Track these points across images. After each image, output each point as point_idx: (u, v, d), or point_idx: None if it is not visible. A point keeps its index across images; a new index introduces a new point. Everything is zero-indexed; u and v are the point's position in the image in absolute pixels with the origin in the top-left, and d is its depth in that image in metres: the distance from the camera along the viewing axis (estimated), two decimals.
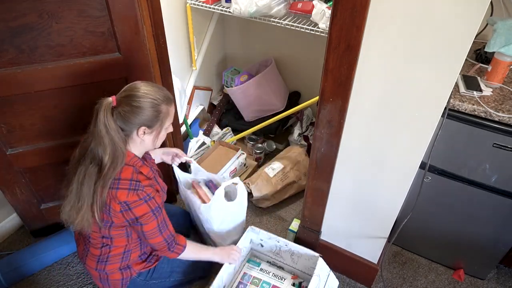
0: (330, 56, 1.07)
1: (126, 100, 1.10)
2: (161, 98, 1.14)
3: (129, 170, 1.12)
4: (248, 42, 2.46)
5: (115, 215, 1.13)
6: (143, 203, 1.12)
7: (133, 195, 1.10)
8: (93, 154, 1.10)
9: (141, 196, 1.11)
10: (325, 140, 1.27)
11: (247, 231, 1.55)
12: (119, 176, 1.10)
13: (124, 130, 1.12)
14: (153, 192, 1.16)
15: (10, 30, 1.22)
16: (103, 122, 1.06)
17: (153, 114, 1.12)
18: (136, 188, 1.11)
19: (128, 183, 1.10)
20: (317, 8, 1.67)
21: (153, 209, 1.14)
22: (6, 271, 1.60)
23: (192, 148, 2.22)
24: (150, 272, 1.35)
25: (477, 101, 1.25)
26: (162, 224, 1.19)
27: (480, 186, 1.40)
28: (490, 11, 1.54)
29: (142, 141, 1.17)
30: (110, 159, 1.08)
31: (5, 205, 1.79)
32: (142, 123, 1.12)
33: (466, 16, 0.86)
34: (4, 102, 1.36)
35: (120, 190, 1.09)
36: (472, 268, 1.68)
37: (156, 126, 1.16)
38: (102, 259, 1.25)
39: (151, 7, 1.40)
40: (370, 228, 1.46)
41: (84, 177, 1.10)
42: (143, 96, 1.10)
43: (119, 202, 1.09)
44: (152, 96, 1.12)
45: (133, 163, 1.15)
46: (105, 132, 1.07)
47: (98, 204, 1.09)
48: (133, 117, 1.10)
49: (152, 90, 1.13)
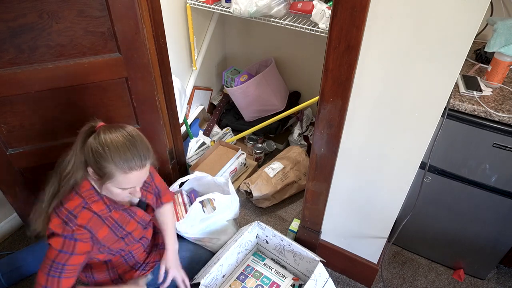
0: (330, 56, 1.07)
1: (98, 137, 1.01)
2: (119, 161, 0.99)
3: (76, 202, 1.04)
4: (248, 42, 2.46)
5: None
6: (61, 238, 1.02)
7: (60, 227, 1.02)
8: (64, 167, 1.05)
9: (65, 233, 1.02)
10: (325, 140, 1.27)
11: (253, 226, 1.55)
12: (65, 203, 1.04)
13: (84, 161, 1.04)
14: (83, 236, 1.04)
15: (10, 30, 1.22)
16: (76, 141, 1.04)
17: (97, 165, 1.00)
18: (67, 222, 1.02)
19: (66, 214, 1.03)
20: (317, 8, 1.67)
21: (63, 249, 1.02)
22: (6, 271, 1.60)
23: (192, 148, 2.22)
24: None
25: (477, 101, 1.25)
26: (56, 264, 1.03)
27: (480, 186, 1.40)
28: (490, 11, 1.54)
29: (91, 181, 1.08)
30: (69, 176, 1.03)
31: (5, 205, 1.79)
32: (91, 165, 1.02)
33: (466, 16, 0.87)
34: (4, 102, 1.36)
35: (56, 217, 1.03)
36: (472, 268, 1.68)
37: (99, 177, 1.03)
38: (88, 275, 1.22)
39: (151, 7, 1.40)
40: (370, 228, 1.46)
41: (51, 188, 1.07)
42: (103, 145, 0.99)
43: (48, 228, 1.04)
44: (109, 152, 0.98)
45: (85, 196, 1.06)
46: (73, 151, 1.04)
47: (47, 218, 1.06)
48: (87, 154, 1.01)
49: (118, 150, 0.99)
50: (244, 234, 1.52)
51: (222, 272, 1.44)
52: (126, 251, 1.22)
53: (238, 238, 1.50)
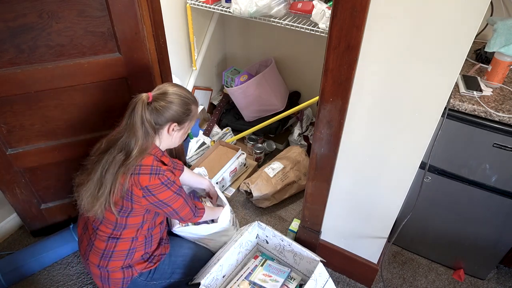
0: (330, 56, 1.07)
1: (161, 97, 1.19)
2: (191, 98, 1.26)
3: (150, 158, 1.19)
4: (248, 42, 2.46)
5: (137, 201, 1.17)
6: (166, 189, 1.19)
7: (154, 179, 1.16)
8: (123, 144, 1.16)
9: (163, 180, 1.18)
10: (325, 140, 1.27)
11: (253, 226, 1.55)
12: (140, 163, 1.16)
13: (156, 124, 1.20)
14: (172, 176, 1.22)
15: (10, 30, 1.22)
16: (140, 115, 1.14)
17: (185, 111, 1.23)
18: (157, 173, 1.17)
19: (149, 169, 1.16)
20: (317, 8, 1.67)
21: (175, 191, 1.23)
22: (6, 271, 1.60)
23: (192, 148, 2.22)
24: (151, 273, 1.35)
25: (477, 101, 1.25)
26: (186, 198, 1.30)
27: (480, 186, 1.40)
28: (490, 11, 1.54)
29: (169, 137, 1.26)
30: (139, 149, 1.15)
31: (5, 205, 1.79)
32: (174, 119, 1.21)
33: (466, 16, 0.86)
34: (4, 102, 1.36)
35: (142, 175, 1.15)
36: (472, 268, 1.68)
37: (185, 124, 1.26)
38: (106, 254, 1.25)
39: (151, 7, 1.40)
40: (370, 228, 1.46)
41: (110, 165, 1.15)
42: (176, 94, 1.21)
43: (141, 188, 1.15)
44: (184, 96, 1.23)
45: (154, 153, 1.22)
46: (140, 124, 1.14)
47: (118, 191, 1.14)
48: (167, 112, 1.19)
49: (184, 91, 1.25)
50: (244, 234, 1.52)
51: (222, 272, 1.45)
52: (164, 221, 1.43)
53: (238, 238, 1.50)
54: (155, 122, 1.19)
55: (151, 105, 1.18)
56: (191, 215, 1.35)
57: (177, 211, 1.29)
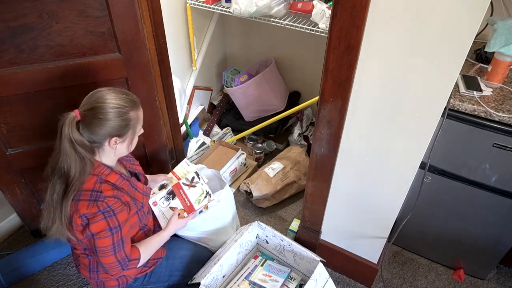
0: (330, 56, 1.07)
1: (91, 113, 1.04)
2: (127, 105, 1.08)
3: (92, 180, 1.07)
4: (248, 42, 2.46)
5: (77, 229, 1.07)
6: (102, 219, 1.05)
7: (92, 206, 1.04)
8: (59, 169, 1.05)
9: (101, 208, 1.04)
10: (325, 140, 1.27)
11: (253, 226, 1.55)
12: (81, 187, 1.06)
13: (93, 142, 1.07)
14: (116, 204, 1.08)
15: (10, 30, 1.22)
16: (68, 138, 1.02)
17: (122, 123, 1.07)
18: (96, 199, 1.05)
19: (89, 194, 1.05)
20: (317, 8, 1.67)
21: (111, 227, 1.06)
22: (6, 271, 1.60)
23: (192, 148, 2.22)
24: (147, 277, 1.33)
25: (477, 101, 1.25)
26: (118, 243, 1.09)
27: (480, 186, 1.40)
28: (490, 11, 1.54)
29: (113, 150, 1.12)
30: (77, 173, 1.04)
31: (5, 205, 1.79)
32: (112, 134, 1.07)
33: (466, 16, 0.87)
34: (4, 102, 1.36)
35: (81, 201, 1.04)
36: (472, 268, 1.68)
37: (128, 134, 1.12)
38: (92, 268, 1.23)
39: (151, 7, 1.40)
40: (370, 228, 1.46)
41: (53, 192, 1.07)
42: (108, 107, 1.04)
43: (79, 215, 1.04)
44: (118, 106, 1.06)
45: (97, 172, 1.10)
46: (71, 147, 1.03)
47: (67, 217, 1.06)
48: (102, 130, 1.05)
49: (117, 98, 1.07)
50: (244, 234, 1.52)
51: (222, 272, 1.45)
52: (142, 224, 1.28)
53: (238, 238, 1.50)
54: (90, 141, 1.06)
55: (82, 124, 1.04)
56: (117, 268, 1.12)
57: (98, 253, 1.08)
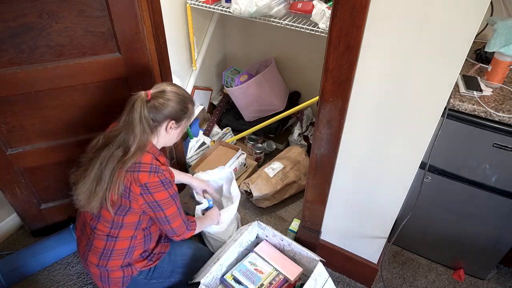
0: (330, 56, 1.07)
1: (159, 95, 1.21)
2: (188, 97, 1.29)
3: (149, 156, 1.20)
4: (248, 42, 2.46)
5: (134, 199, 1.17)
6: (163, 189, 1.19)
7: (154, 176, 1.17)
8: (121, 141, 1.17)
9: (161, 178, 1.18)
10: (325, 140, 1.27)
11: (253, 226, 1.55)
12: (139, 160, 1.17)
13: (154, 121, 1.21)
14: (170, 176, 1.23)
15: (10, 30, 1.22)
16: (139, 112, 1.15)
17: (182, 109, 1.25)
18: (157, 171, 1.18)
19: (149, 167, 1.17)
20: (317, 8, 1.67)
21: (172, 195, 1.22)
22: (6, 271, 1.60)
23: (192, 148, 2.22)
24: (151, 271, 1.35)
25: (477, 101, 1.25)
26: (180, 208, 1.28)
27: (480, 186, 1.40)
28: (490, 11, 1.54)
29: (167, 134, 1.27)
30: (137, 146, 1.16)
31: (5, 205, 1.79)
32: (172, 117, 1.23)
33: (466, 16, 0.86)
34: (4, 102, 1.36)
35: (142, 172, 1.16)
36: (472, 268, 1.68)
37: (182, 122, 1.28)
38: (105, 253, 1.25)
39: (151, 7, 1.40)
40: (370, 228, 1.46)
41: (108, 161, 1.15)
42: (174, 93, 1.23)
43: (140, 185, 1.15)
44: (181, 94, 1.26)
45: (152, 151, 1.22)
46: (139, 121, 1.15)
47: (116, 188, 1.14)
48: (165, 110, 1.20)
49: (181, 90, 1.28)
50: (244, 233, 1.52)
51: (222, 271, 1.45)
52: None
53: (238, 238, 1.50)
54: (153, 120, 1.20)
55: (150, 103, 1.19)
56: (184, 229, 1.31)
57: (169, 220, 1.25)
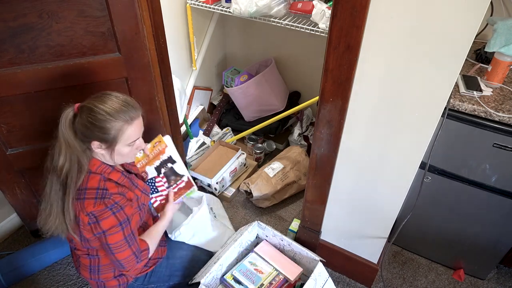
0: (330, 56, 1.07)
1: (85, 111, 1.06)
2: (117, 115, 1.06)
3: (96, 179, 1.09)
4: (248, 42, 2.46)
5: (84, 228, 1.08)
6: (111, 215, 1.07)
7: (100, 204, 1.06)
8: (58, 163, 1.07)
9: (108, 205, 1.07)
10: (325, 140, 1.27)
11: (253, 226, 1.55)
12: (85, 185, 1.07)
13: (82, 140, 1.08)
14: (122, 200, 1.11)
15: (10, 30, 1.22)
16: (61, 131, 1.06)
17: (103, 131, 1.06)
18: (103, 197, 1.07)
19: (95, 192, 1.07)
20: (317, 8, 1.67)
21: (121, 221, 1.09)
22: (6, 271, 1.60)
23: (192, 148, 2.22)
24: (147, 277, 1.34)
25: (477, 101, 1.25)
26: (129, 236, 1.13)
27: (480, 186, 1.40)
28: (490, 11, 1.54)
29: (101, 154, 1.12)
30: (68, 167, 1.06)
31: (5, 205, 1.79)
32: (95, 138, 1.07)
33: (466, 16, 0.86)
34: (4, 102, 1.36)
35: (87, 200, 1.06)
36: (472, 268, 1.68)
37: (108, 143, 1.09)
38: (93, 269, 1.23)
39: (151, 7, 1.40)
40: (370, 228, 1.46)
41: (52, 185, 1.08)
42: (96, 112, 1.05)
43: (87, 214, 1.06)
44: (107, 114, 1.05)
45: (100, 171, 1.12)
46: (63, 140, 1.06)
47: (69, 215, 1.07)
48: (86, 131, 1.06)
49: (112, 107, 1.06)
50: (244, 234, 1.52)
51: (222, 271, 1.45)
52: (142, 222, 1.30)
53: (238, 238, 1.50)
54: (81, 139, 1.07)
55: (76, 119, 1.06)
56: (133, 262, 1.16)
57: (112, 250, 1.10)
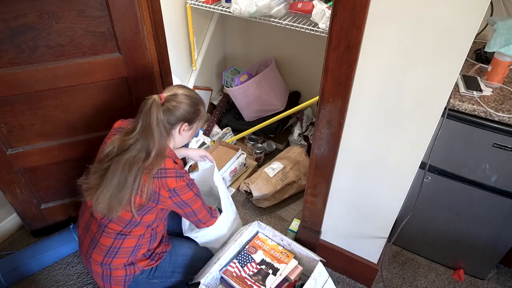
0: (330, 56, 1.07)
1: (172, 98, 1.23)
2: (200, 99, 1.31)
3: (170, 161, 1.23)
4: (248, 42, 2.46)
5: (163, 202, 1.22)
6: (189, 190, 1.25)
7: (180, 181, 1.22)
8: (141, 147, 1.17)
9: (187, 181, 1.24)
10: (325, 140, 1.27)
11: (253, 226, 1.55)
12: (164, 166, 1.19)
13: (169, 123, 1.23)
14: (190, 178, 1.29)
15: (10, 30, 1.22)
16: (155, 116, 1.16)
17: (195, 112, 1.28)
18: (182, 175, 1.22)
19: (174, 172, 1.21)
20: (317, 8, 1.67)
21: (196, 193, 1.30)
22: (6, 271, 1.60)
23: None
24: (152, 271, 1.36)
25: (477, 101, 1.25)
26: (203, 201, 1.36)
27: (480, 186, 1.40)
28: (490, 11, 1.54)
29: (180, 137, 1.30)
30: (157, 151, 1.17)
31: (5, 205, 1.79)
32: (185, 119, 1.26)
33: (466, 16, 0.87)
34: (4, 102, 1.36)
35: (169, 178, 1.19)
36: (472, 268, 1.68)
37: (194, 124, 1.31)
38: (112, 251, 1.26)
39: (151, 7, 1.40)
40: (370, 228, 1.46)
41: (130, 167, 1.15)
42: (186, 95, 1.25)
43: (169, 189, 1.20)
44: (193, 96, 1.28)
45: (170, 155, 1.25)
46: (156, 125, 1.17)
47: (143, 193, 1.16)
48: (178, 112, 1.23)
49: (192, 92, 1.30)
50: (244, 234, 1.52)
51: (222, 271, 1.45)
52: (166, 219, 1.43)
53: (238, 238, 1.50)
54: (168, 123, 1.22)
55: (164, 106, 1.20)
56: (208, 217, 1.40)
57: (196, 213, 1.33)
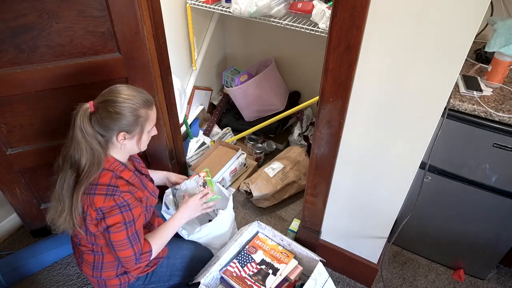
0: (330, 56, 1.07)
1: (103, 106, 1.08)
2: (139, 102, 1.11)
3: (108, 175, 1.11)
4: (248, 42, 2.46)
5: (91, 223, 1.10)
6: (118, 213, 1.09)
7: (109, 200, 1.07)
8: (71, 160, 1.09)
9: (117, 202, 1.08)
10: (325, 140, 1.27)
11: (253, 226, 1.55)
12: (97, 181, 1.08)
13: (103, 135, 1.10)
14: (131, 199, 1.12)
15: (10, 30, 1.22)
16: (79, 128, 1.06)
17: (132, 119, 1.10)
18: (113, 194, 1.08)
19: (106, 188, 1.08)
20: (317, 8, 1.67)
21: (126, 221, 1.10)
22: (6, 271, 1.60)
23: (192, 148, 2.22)
24: (148, 276, 1.34)
25: (477, 101, 1.25)
26: (133, 236, 1.13)
27: (480, 186, 1.40)
28: (490, 11, 1.54)
29: (123, 146, 1.15)
30: (87, 164, 1.07)
31: (5, 205, 1.79)
32: (121, 129, 1.10)
33: (466, 16, 0.87)
34: (4, 102, 1.36)
35: (97, 195, 1.07)
36: (472, 268, 1.68)
37: (136, 131, 1.14)
38: (96, 266, 1.23)
39: (151, 7, 1.40)
40: (370, 228, 1.46)
41: (64, 182, 1.09)
42: (121, 102, 1.08)
43: (95, 209, 1.07)
44: (131, 101, 1.09)
45: (113, 168, 1.13)
46: (82, 137, 1.06)
47: (77, 209, 1.08)
48: (111, 123, 1.08)
49: (131, 95, 1.11)
50: (244, 234, 1.52)
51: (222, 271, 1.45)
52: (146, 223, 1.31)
53: (238, 238, 1.50)
54: (101, 134, 1.09)
55: (94, 116, 1.08)
56: (132, 262, 1.15)
57: (115, 247, 1.11)
